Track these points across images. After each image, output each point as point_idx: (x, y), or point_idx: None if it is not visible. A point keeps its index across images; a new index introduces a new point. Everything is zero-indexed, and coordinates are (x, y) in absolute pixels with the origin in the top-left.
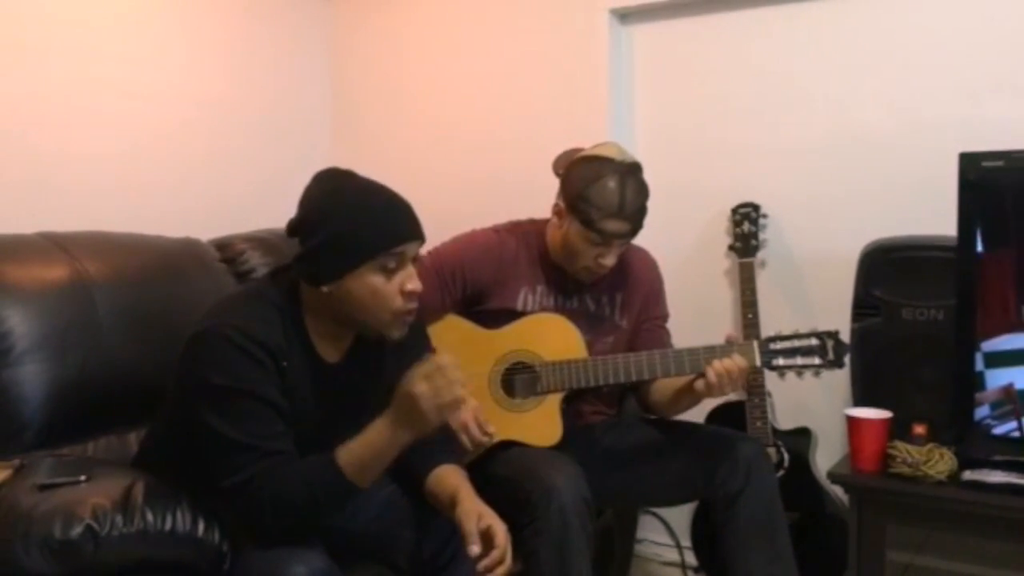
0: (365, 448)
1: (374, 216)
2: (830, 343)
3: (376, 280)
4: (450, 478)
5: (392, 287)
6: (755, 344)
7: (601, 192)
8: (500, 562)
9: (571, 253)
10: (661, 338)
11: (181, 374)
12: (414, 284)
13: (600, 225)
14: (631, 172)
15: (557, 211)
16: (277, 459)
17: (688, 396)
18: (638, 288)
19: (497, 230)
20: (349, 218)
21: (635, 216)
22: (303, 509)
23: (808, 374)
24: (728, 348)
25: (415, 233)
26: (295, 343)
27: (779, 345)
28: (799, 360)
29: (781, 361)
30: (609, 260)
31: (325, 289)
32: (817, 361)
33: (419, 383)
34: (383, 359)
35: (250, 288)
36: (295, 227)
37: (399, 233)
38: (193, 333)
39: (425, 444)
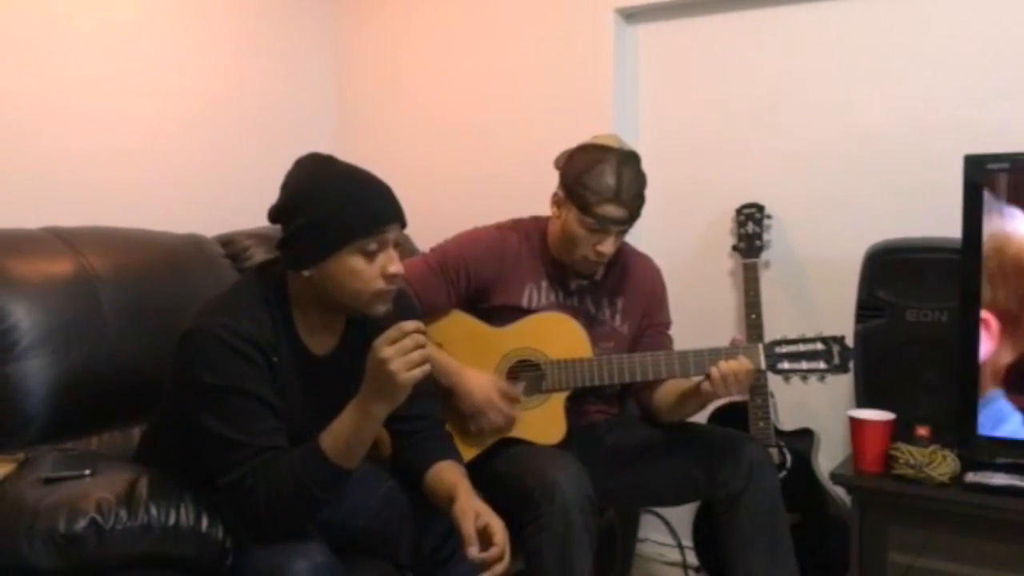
0: (345, 427)
1: (354, 200)
2: (836, 348)
3: (357, 263)
4: (449, 474)
5: (373, 270)
6: (760, 347)
7: (598, 177)
8: (499, 560)
9: (570, 242)
10: (663, 344)
11: (174, 373)
12: (396, 267)
13: (597, 209)
14: (628, 159)
15: (556, 200)
16: (270, 455)
17: (693, 399)
18: (640, 295)
19: (499, 227)
20: (329, 202)
21: (632, 202)
22: (296, 501)
23: (813, 379)
24: (734, 351)
25: (395, 216)
26: (284, 338)
27: (784, 349)
28: (804, 364)
29: (786, 365)
30: (607, 247)
31: (306, 274)
32: (822, 366)
33: (385, 348)
34: None
35: (238, 285)
36: (276, 212)
37: (379, 217)
38: (183, 332)
39: (424, 440)
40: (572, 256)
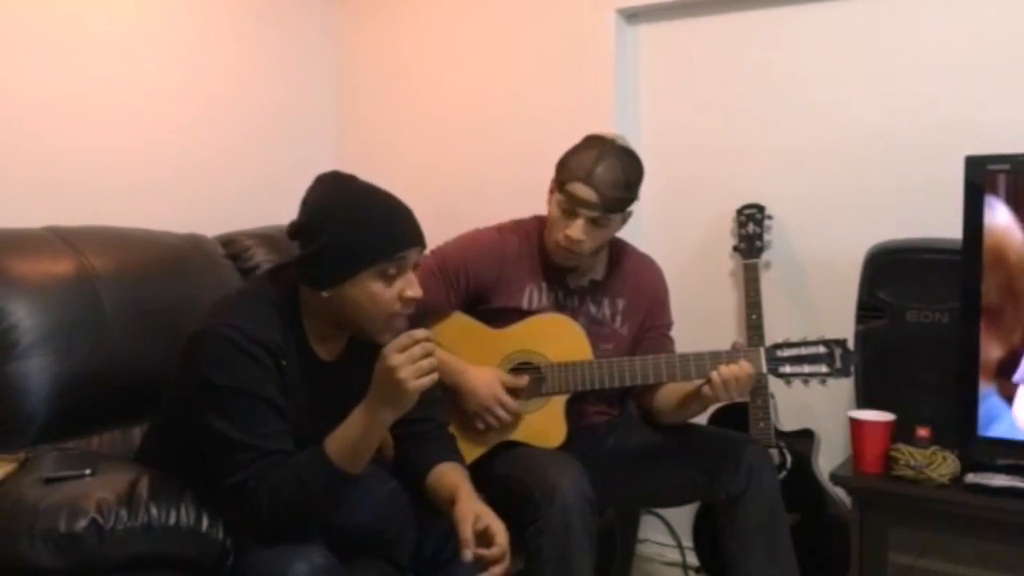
0: (351, 432)
1: (375, 222)
2: (837, 351)
3: (376, 286)
4: (450, 476)
5: (392, 293)
6: (762, 351)
7: (578, 158)
8: (498, 561)
9: (548, 227)
10: (665, 346)
11: (181, 373)
12: (414, 291)
13: (567, 187)
14: (617, 151)
15: (549, 188)
16: (275, 458)
17: (694, 402)
18: (641, 296)
19: (500, 229)
20: (350, 224)
21: (604, 188)
22: (299, 504)
23: (814, 382)
24: (735, 354)
25: (416, 239)
26: (292, 342)
27: (786, 352)
28: (806, 368)
29: (788, 368)
30: (575, 232)
31: (325, 294)
32: (824, 369)
33: (395, 355)
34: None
35: (249, 287)
36: (296, 230)
37: (400, 240)
38: (193, 333)
39: (426, 442)
40: (550, 243)
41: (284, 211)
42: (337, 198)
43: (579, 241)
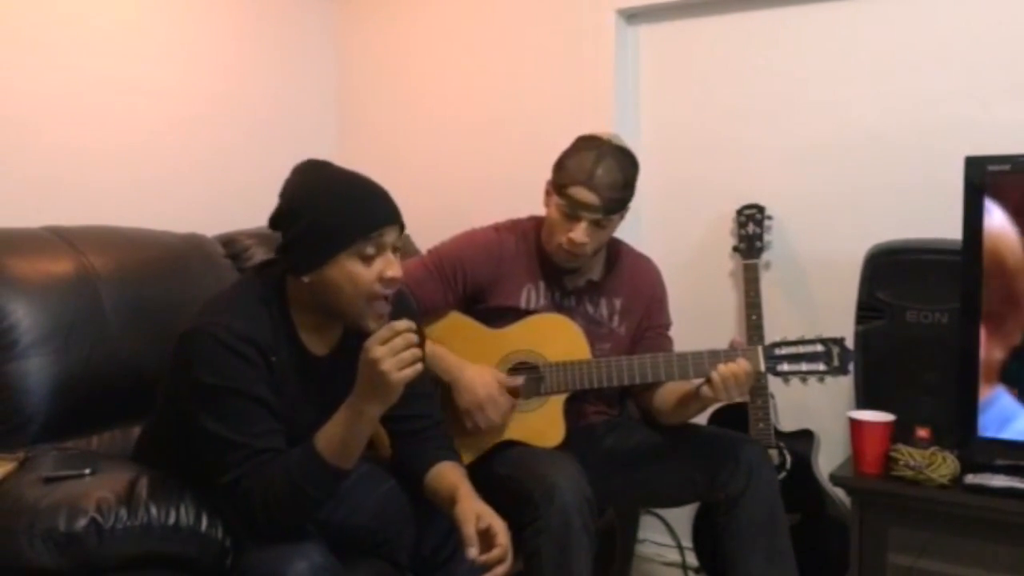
0: (339, 427)
1: (349, 203)
2: (835, 350)
3: (355, 267)
4: (449, 476)
5: (371, 274)
6: (760, 349)
7: (576, 161)
8: (501, 560)
9: (548, 230)
10: (663, 346)
11: (172, 373)
12: (394, 271)
13: (568, 191)
14: (614, 152)
15: (546, 189)
16: (267, 456)
17: (693, 402)
18: (639, 296)
19: (497, 228)
20: (325, 207)
21: (604, 190)
22: (292, 501)
23: (812, 380)
24: (733, 353)
25: (392, 218)
26: (283, 337)
27: (784, 351)
28: (804, 366)
29: (786, 367)
30: (578, 235)
31: (306, 279)
32: (822, 368)
33: (376, 347)
34: None
35: (237, 284)
36: (275, 220)
37: (375, 219)
38: (182, 332)
39: (423, 440)
40: (551, 246)
41: None
42: (313, 183)
43: (583, 244)
